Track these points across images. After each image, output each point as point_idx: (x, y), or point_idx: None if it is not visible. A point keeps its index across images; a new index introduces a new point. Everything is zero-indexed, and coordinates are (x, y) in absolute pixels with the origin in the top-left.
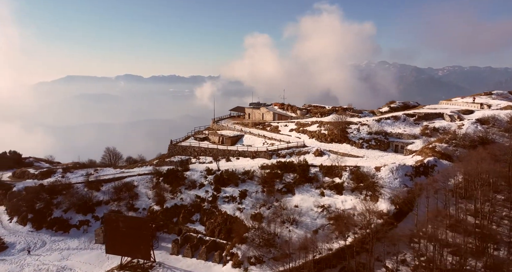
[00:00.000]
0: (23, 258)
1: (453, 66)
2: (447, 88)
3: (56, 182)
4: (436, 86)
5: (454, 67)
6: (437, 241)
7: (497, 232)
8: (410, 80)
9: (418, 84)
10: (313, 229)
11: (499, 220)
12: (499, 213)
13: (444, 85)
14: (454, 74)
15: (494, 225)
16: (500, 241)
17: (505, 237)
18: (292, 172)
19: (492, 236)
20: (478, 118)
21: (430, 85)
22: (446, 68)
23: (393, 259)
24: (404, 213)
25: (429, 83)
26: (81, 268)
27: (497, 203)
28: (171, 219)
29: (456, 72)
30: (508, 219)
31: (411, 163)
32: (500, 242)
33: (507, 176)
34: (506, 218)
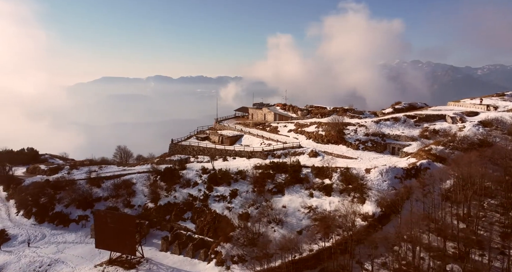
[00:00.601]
0: (22, 249)
1: (494, 65)
2: (487, 88)
3: (61, 178)
4: (474, 86)
5: (496, 66)
6: (420, 245)
7: (484, 237)
8: (445, 80)
9: (454, 84)
10: (298, 230)
11: (489, 225)
12: (489, 218)
13: (483, 85)
14: (495, 74)
15: (482, 230)
16: (486, 247)
17: (492, 243)
18: (284, 172)
19: (478, 241)
20: (481, 121)
21: (467, 85)
22: (486, 67)
23: (373, 262)
24: (390, 216)
25: (466, 83)
26: (72, 261)
27: (489, 208)
28: (164, 217)
29: (497, 71)
30: (498, 224)
31: (404, 165)
32: (486, 248)
33: (504, 180)
34: (497, 224)
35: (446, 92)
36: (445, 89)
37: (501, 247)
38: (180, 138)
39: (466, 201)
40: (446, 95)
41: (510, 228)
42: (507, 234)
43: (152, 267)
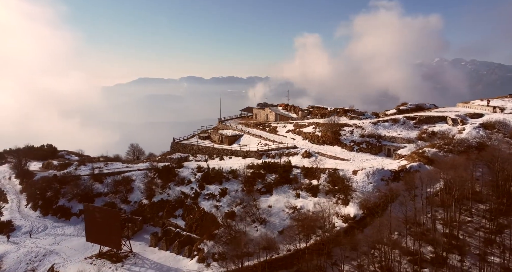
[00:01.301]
0: (23, 239)
1: None
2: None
3: (67, 173)
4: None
5: None
6: (399, 248)
7: (466, 243)
8: (491, 79)
9: (502, 83)
10: (279, 230)
11: (474, 230)
12: (475, 224)
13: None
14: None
15: (466, 235)
16: (467, 253)
17: (474, 248)
18: (275, 172)
19: (459, 246)
20: (482, 123)
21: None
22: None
23: (349, 264)
24: (372, 218)
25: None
26: (66, 253)
27: (476, 213)
28: (157, 213)
29: None
30: (483, 230)
31: (394, 167)
32: (467, 253)
33: (495, 184)
34: (482, 230)
35: (492, 91)
36: (490, 89)
37: (483, 254)
38: (183, 137)
39: (451, 205)
40: (491, 95)
41: (495, 234)
42: (490, 240)
43: (138, 261)
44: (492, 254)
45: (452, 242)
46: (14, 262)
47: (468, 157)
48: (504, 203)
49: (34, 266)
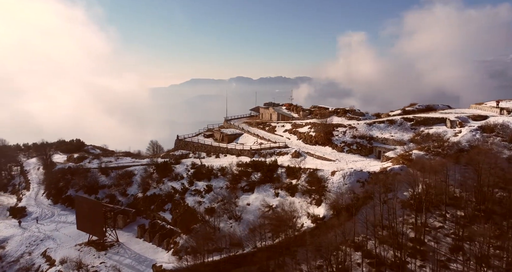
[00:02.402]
0: (31, 225)
1: None
2: None
3: (79, 166)
4: None
5: None
6: (362, 251)
7: (432, 248)
8: None
9: None
10: (251, 227)
11: (443, 236)
12: (446, 230)
13: None
14: None
15: (434, 241)
16: (430, 258)
17: (439, 255)
18: (261, 171)
19: (423, 252)
20: (481, 126)
21: None
22: None
23: (310, 264)
24: (343, 220)
25: None
26: (61, 239)
27: (451, 219)
28: (149, 206)
29: None
30: (454, 236)
31: (376, 169)
32: (430, 259)
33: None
34: (452, 236)
35: None
36: None
37: (446, 260)
38: (188, 134)
39: (421, 210)
40: None
41: (464, 241)
42: (458, 247)
43: (121, 251)
44: (456, 261)
45: (417, 247)
46: (16, 245)
47: (457, 160)
48: (482, 209)
49: (31, 249)
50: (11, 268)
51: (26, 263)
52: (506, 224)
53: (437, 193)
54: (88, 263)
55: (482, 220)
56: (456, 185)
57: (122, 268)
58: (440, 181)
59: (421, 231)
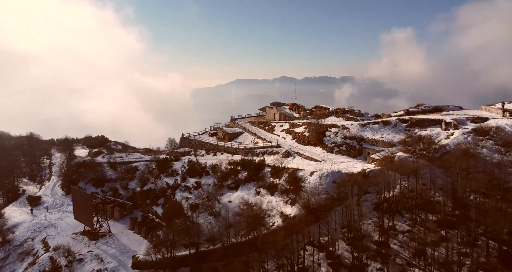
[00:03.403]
0: (40, 212)
1: None
2: None
3: (91, 161)
4: None
5: None
6: (326, 251)
7: (395, 252)
8: None
9: None
10: (226, 224)
11: (409, 240)
12: (414, 234)
13: None
14: None
15: (398, 245)
16: (391, 262)
17: (400, 259)
18: (247, 170)
19: (385, 255)
20: (475, 128)
21: None
22: None
23: (275, 262)
24: (312, 220)
25: None
26: (61, 227)
27: (421, 223)
28: (145, 200)
29: None
30: (419, 241)
31: (356, 171)
32: (391, 263)
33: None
34: (419, 240)
35: None
36: None
37: (406, 264)
38: (193, 133)
39: (392, 212)
40: None
41: (428, 246)
42: (421, 252)
43: (110, 241)
44: (416, 266)
45: (380, 250)
46: (24, 230)
47: (441, 164)
48: (456, 215)
49: (35, 235)
50: (15, 251)
51: (28, 247)
52: (476, 230)
53: (414, 196)
54: (77, 251)
55: (454, 225)
56: (435, 188)
57: (105, 258)
58: (418, 184)
59: (387, 234)
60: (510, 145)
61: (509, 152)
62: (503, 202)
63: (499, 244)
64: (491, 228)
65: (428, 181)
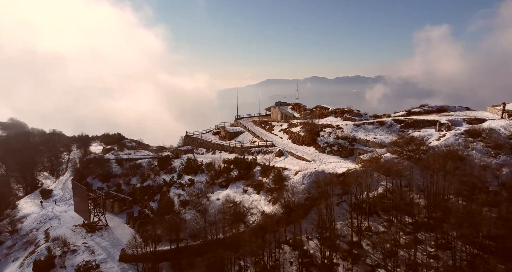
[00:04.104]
0: (49, 205)
1: None
2: None
3: (100, 157)
4: None
5: None
6: (299, 250)
7: (366, 253)
8: None
9: None
10: (211, 221)
11: (382, 242)
12: (389, 236)
13: None
14: None
15: (370, 246)
16: (361, 262)
17: (370, 260)
18: (238, 168)
19: (356, 255)
20: (467, 130)
21: None
22: None
23: (250, 259)
24: (292, 219)
25: None
26: (64, 219)
27: (397, 225)
28: (144, 196)
29: None
30: (392, 243)
31: (341, 171)
32: (362, 263)
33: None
34: (391, 242)
35: None
36: None
37: (375, 265)
38: (198, 131)
39: (370, 213)
40: None
41: (399, 247)
42: (392, 253)
43: (105, 234)
44: (386, 267)
45: (352, 250)
46: (31, 221)
47: (426, 165)
48: (433, 217)
49: (40, 226)
50: (21, 240)
51: (31, 237)
52: (451, 233)
53: (393, 197)
54: (72, 242)
55: (430, 228)
56: (410, 190)
57: (96, 250)
58: (400, 185)
59: (360, 235)
60: (501, 147)
61: (499, 154)
62: (484, 206)
63: (472, 248)
64: (467, 231)
65: (412, 182)
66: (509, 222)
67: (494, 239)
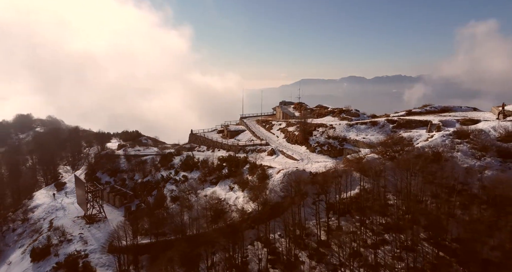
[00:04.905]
0: (60, 196)
1: None
2: None
3: (111, 153)
4: None
5: None
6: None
7: (333, 251)
8: None
9: None
10: (194, 217)
11: (349, 241)
12: (359, 236)
13: None
14: None
15: (337, 245)
16: (327, 261)
17: (335, 258)
18: (231, 166)
19: (322, 254)
20: (456, 131)
21: None
22: None
23: (223, 255)
24: (268, 217)
25: None
26: (69, 210)
27: (367, 225)
28: (143, 191)
29: None
30: (358, 243)
31: (323, 170)
32: (327, 262)
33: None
34: (358, 242)
35: None
36: None
37: (339, 264)
38: (203, 129)
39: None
40: None
41: (366, 248)
42: (357, 254)
43: (102, 225)
44: (349, 267)
45: (319, 249)
46: (41, 211)
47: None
48: (405, 218)
49: (47, 216)
50: (29, 228)
51: (38, 226)
52: (420, 236)
53: (369, 198)
54: (70, 232)
55: (400, 229)
56: (394, 191)
57: (90, 240)
58: (378, 186)
59: (329, 234)
60: (487, 149)
61: (484, 156)
62: (458, 209)
63: (439, 250)
64: (435, 234)
65: (391, 183)
66: (478, 225)
67: (461, 242)
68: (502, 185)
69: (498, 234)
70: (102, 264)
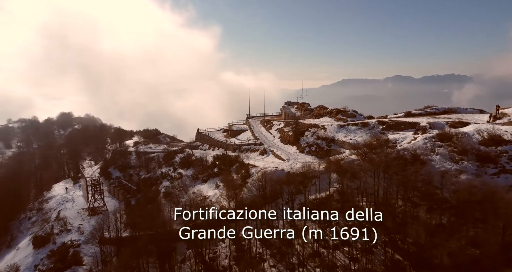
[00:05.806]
0: (73, 189)
1: None
2: None
3: (124, 149)
4: None
5: None
6: (238, 245)
7: (295, 251)
8: None
9: None
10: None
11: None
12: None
13: None
14: None
15: (300, 245)
16: (287, 260)
17: (296, 258)
18: (223, 164)
19: (284, 253)
20: (439, 133)
21: None
22: None
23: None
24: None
25: None
26: (78, 202)
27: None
28: (145, 186)
29: None
30: (321, 243)
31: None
32: (286, 261)
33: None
34: (321, 242)
35: None
36: None
37: (297, 264)
38: (209, 128)
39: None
40: None
41: (327, 248)
42: (316, 254)
43: (101, 217)
44: (306, 266)
45: (282, 248)
46: (53, 202)
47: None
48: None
49: (57, 207)
50: (41, 217)
51: (48, 216)
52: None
53: (340, 199)
54: (71, 223)
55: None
56: (353, 193)
57: (86, 231)
58: (351, 187)
59: (296, 234)
60: (467, 152)
61: (462, 160)
62: (427, 213)
63: (396, 253)
64: (396, 237)
65: (369, 185)
66: (439, 230)
67: (419, 246)
68: (474, 189)
69: (456, 240)
70: (90, 254)
